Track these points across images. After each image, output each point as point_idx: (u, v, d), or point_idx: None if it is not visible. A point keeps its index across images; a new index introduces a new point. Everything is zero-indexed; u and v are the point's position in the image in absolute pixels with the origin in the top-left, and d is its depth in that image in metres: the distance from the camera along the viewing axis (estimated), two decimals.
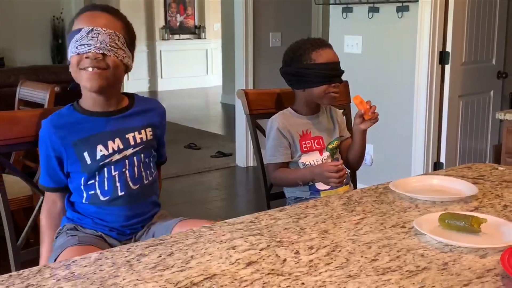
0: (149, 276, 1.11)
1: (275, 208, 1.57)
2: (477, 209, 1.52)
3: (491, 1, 4.15)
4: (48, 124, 1.65)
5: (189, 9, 11.06)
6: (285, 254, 1.22)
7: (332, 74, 2.09)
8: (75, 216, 1.72)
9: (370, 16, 4.19)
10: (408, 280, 1.09)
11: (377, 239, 1.30)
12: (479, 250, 1.23)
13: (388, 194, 1.65)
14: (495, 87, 4.39)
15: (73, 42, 1.59)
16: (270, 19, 5.48)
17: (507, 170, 1.92)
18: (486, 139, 4.35)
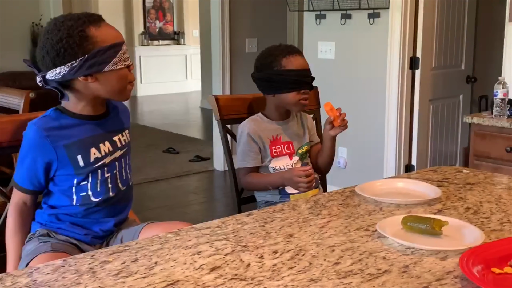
0: (112, 283, 1.09)
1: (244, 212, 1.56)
2: (440, 211, 1.52)
3: (460, 8, 4.20)
4: (38, 127, 1.60)
5: (168, 16, 11.03)
6: (249, 258, 1.21)
7: (301, 81, 2.09)
8: (48, 220, 1.69)
9: (343, 22, 4.21)
10: (368, 283, 1.09)
11: (340, 243, 1.30)
12: (440, 253, 1.23)
13: (354, 198, 1.65)
14: (465, 91, 4.44)
15: (120, 54, 1.57)
16: (246, 25, 5.48)
17: (471, 173, 1.93)
18: (456, 142, 4.39)
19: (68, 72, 1.54)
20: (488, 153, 3.03)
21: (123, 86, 1.62)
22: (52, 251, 1.56)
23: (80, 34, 1.53)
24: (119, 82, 1.61)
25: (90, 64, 1.54)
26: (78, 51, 1.53)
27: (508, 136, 2.93)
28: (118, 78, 1.59)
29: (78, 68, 1.54)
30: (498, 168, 2.95)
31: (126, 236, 1.70)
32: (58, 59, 1.54)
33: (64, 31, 1.53)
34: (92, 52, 1.53)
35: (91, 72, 1.55)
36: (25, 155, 1.63)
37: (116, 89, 1.62)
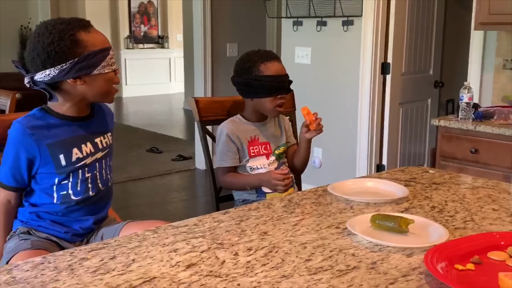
0: (89, 280, 1.07)
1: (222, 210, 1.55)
2: (407, 210, 1.52)
3: (429, 17, 4.23)
4: (22, 125, 1.57)
5: (153, 20, 10.95)
6: (224, 255, 1.19)
7: (278, 86, 2.08)
8: (29, 218, 1.66)
9: (318, 29, 4.22)
10: (338, 279, 1.08)
11: (312, 240, 1.29)
12: (406, 250, 1.23)
13: (326, 196, 1.64)
14: (432, 96, 4.47)
15: (108, 59, 1.56)
16: (227, 30, 5.46)
17: (437, 173, 1.94)
18: (424, 143, 4.43)
19: (58, 74, 1.52)
20: (454, 154, 3.05)
21: (109, 89, 1.62)
22: (32, 249, 1.54)
23: (71, 38, 1.52)
24: (106, 85, 1.60)
25: (79, 67, 1.52)
26: (68, 54, 1.52)
27: (473, 138, 2.96)
28: (104, 81, 1.58)
29: (68, 71, 1.52)
30: (463, 168, 2.97)
31: (106, 234, 1.67)
32: (48, 61, 1.52)
33: (56, 34, 1.51)
34: (82, 56, 1.52)
35: (80, 75, 1.54)
36: (9, 151, 1.60)
37: (102, 92, 1.61)
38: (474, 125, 2.93)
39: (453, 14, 4.43)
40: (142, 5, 10.77)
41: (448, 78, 4.52)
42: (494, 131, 2.84)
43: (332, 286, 1.05)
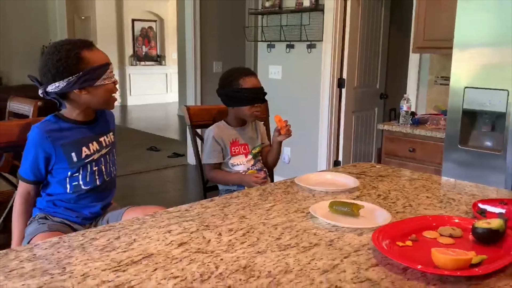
0: (98, 256, 1.04)
1: (208, 198, 1.53)
2: (358, 197, 1.52)
3: (376, 41, 4.27)
4: (40, 130, 1.55)
5: (152, 42, 10.84)
6: (210, 236, 1.18)
7: (255, 97, 2.07)
8: (46, 205, 1.62)
9: (288, 51, 4.22)
10: (303, 254, 1.08)
11: (282, 222, 1.28)
12: (357, 230, 1.23)
13: (293, 187, 1.63)
14: (378, 105, 4.51)
15: (108, 73, 1.54)
16: (214, 50, 5.44)
17: (382, 167, 1.95)
18: (372, 143, 4.46)
19: (66, 85, 1.50)
20: (395, 152, 3.08)
21: (109, 98, 1.59)
22: (49, 231, 1.51)
23: (76, 56, 1.50)
24: (106, 95, 1.57)
25: (84, 79, 1.51)
26: (74, 69, 1.49)
27: (410, 140, 2.98)
28: (105, 91, 1.56)
29: (74, 83, 1.50)
30: (403, 164, 3.00)
31: (111, 218, 1.65)
32: (58, 75, 1.49)
33: (63, 53, 1.49)
34: (85, 70, 1.50)
35: (84, 86, 1.52)
36: (29, 151, 1.57)
37: (103, 101, 1.59)
38: (411, 129, 2.96)
39: (395, 39, 4.48)
40: (143, 29, 10.66)
41: (391, 91, 4.56)
42: (427, 134, 2.87)
43: (298, 260, 1.04)
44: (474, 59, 2.43)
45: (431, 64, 3.44)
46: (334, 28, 3.86)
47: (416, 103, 3.54)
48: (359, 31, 4.03)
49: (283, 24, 4.18)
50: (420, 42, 3.07)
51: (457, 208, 1.43)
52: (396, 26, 4.48)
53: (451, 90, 2.53)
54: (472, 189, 1.64)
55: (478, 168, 2.46)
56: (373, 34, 4.21)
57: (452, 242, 1.15)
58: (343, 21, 3.90)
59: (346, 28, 3.91)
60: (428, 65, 3.47)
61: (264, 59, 4.47)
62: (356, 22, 3.97)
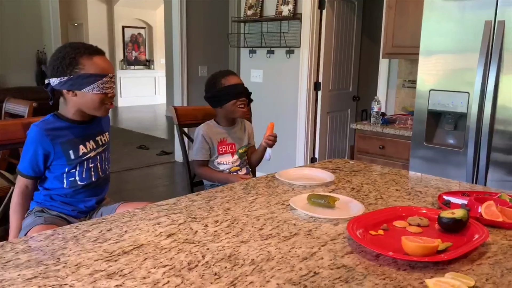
0: (91, 247, 1.02)
1: (195, 192, 1.51)
2: (334, 190, 1.52)
3: (349, 47, 4.29)
4: (40, 128, 1.51)
5: (142, 47, 10.71)
6: (197, 227, 1.16)
7: (237, 92, 2.02)
8: (44, 199, 1.58)
9: (268, 56, 4.21)
10: (283, 243, 1.07)
11: (264, 214, 1.27)
12: (334, 220, 1.23)
13: (274, 181, 1.63)
14: (351, 106, 4.54)
15: (99, 83, 1.48)
16: (199, 56, 5.40)
17: (355, 163, 1.95)
18: (345, 141, 4.49)
19: (58, 83, 1.49)
20: (367, 149, 3.10)
21: (97, 106, 1.52)
22: (45, 223, 1.47)
23: (71, 59, 1.47)
24: (93, 103, 1.51)
25: (72, 83, 1.48)
26: (66, 71, 1.47)
27: (380, 138, 3.01)
28: (92, 99, 1.50)
29: (64, 83, 1.48)
30: (373, 160, 3.02)
31: (105, 211, 1.61)
32: (53, 72, 1.49)
33: (61, 54, 1.49)
34: (76, 75, 1.47)
35: (72, 89, 1.49)
36: (28, 148, 1.52)
37: (91, 107, 1.52)
38: (381, 128, 2.98)
39: (367, 46, 4.52)
40: (133, 36, 10.52)
41: (363, 93, 4.60)
42: (396, 133, 2.90)
43: (279, 248, 1.04)
44: (439, 64, 2.46)
45: (399, 68, 3.47)
46: (311, 35, 3.87)
47: (386, 104, 3.57)
48: (334, 38, 4.04)
49: (264, 31, 4.18)
50: (389, 48, 3.10)
51: (424, 199, 1.45)
52: (368, 33, 4.51)
53: (418, 93, 2.55)
54: (437, 183, 1.66)
55: (441, 164, 2.50)
56: (346, 41, 4.24)
57: (420, 231, 1.16)
58: (319, 29, 3.92)
59: (322, 35, 3.92)
60: (396, 70, 3.50)
61: (246, 64, 4.45)
62: (331, 30, 3.99)
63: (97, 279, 0.87)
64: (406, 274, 0.93)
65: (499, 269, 0.97)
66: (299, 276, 0.91)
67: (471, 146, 2.36)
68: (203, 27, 5.37)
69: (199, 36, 5.35)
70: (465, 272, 0.95)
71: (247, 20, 4.27)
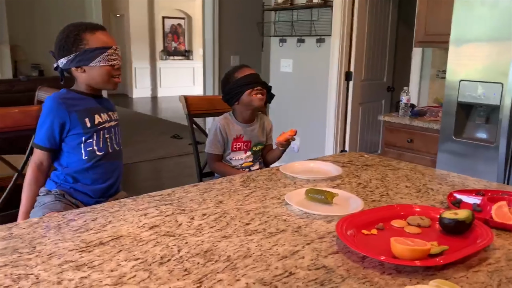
0: (70, 236, 1.02)
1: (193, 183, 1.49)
2: (338, 185, 1.45)
3: (384, 35, 4.12)
4: (55, 98, 1.55)
5: (181, 38, 10.85)
6: (183, 219, 1.14)
7: (251, 81, 1.96)
8: (63, 180, 1.58)
9: (298, 45, 4.13)
10: (266, 240, 1.02)
11: (256, 208, 1.23)
12: (328, 217, 1.17)
13: (278, 174, 1.57)
14: (386, 98, 4.37)
15: (104, 56, 1.53)
16: (232, 45, 5.39)
17: (370, 157, 1.86)
18: (378, 134, 4.34)
19: (66, 63, 1.55)
20: (394, 143, 2.96)
21: (106, 79, 1.57)
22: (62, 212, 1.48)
23: (75, 36, 1.53)
24: (102, 76, 1.56)
25: (79, 59, 1.53)
26: (72, 48, 1.53)
27: (409, 131, 2.87)
28: (101, 73, 1.55)
29: (71, 61, 1.54)
30: (401, 154, 2.89)
31: None
32: (60, 52, 1.55)
33: (65, 33, 1.54)
34: (81, 51, 1.52)
35: (80, 65, 1.54)
36: (44, 119, 1.55)
37: (100, 81, 1.58)
38: (410, 120, 2.84)
39: (403, 34, 4.32)
40: (173, 26, 10.67)
41: (399, 84, 4.41)
42: (425, 125, 2.75)
43: (260, 245, 0.99)
44: (470, 53, 2.29)
45: (433, 58, 3.29)
46: (342, 23, 3.75)
47: (419, 96, 3.40)
48: (367, 26, 3.89)
49: (294, 19, 4.09)
50: (421, 36, 2.93)
51: (433, 198, 1.35)
52: (404, 20, 4.31)
53: (447, 83, 2.40)
54: (454, 180, 1.55)
55: (471, 159, 2.34)
56: (380, 29, 4.07)
57: (418, 232, 1.08)
58: (351, 16, 3.78)
59: (354, 23, 3.79)
60: (430, 59, 3.32)
61: (276, 53, 4.38)
62: (364, 17, 3.84)
63: (65, 270, 0.87)
64: (389, 278, 0.86)
65: (497, 277, 0.88)
66: (272, 276, 0.86)
67: (503, 141, 2.19)
68: (236, 16, 5.34)
69: (232, 25, 5.33)
70: (457, 279, 0.87)
71: (277, 8, 4.19)
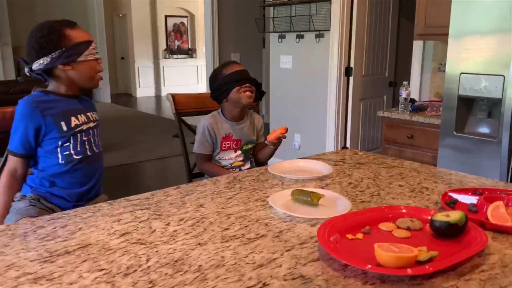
0: (34, 245, 0.96)
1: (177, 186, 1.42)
2: (327, 185, 1.38)
3: (385, 29, 4.02)
4: (28, 101, 1.48)
5: (184, 36, 10.79)
6: (157, 225, 1.07)
7: (240, 78, 1.89)
8: (39, 183, 1.53)
9: (297, 41, 4.04)
10: (243, 247, 0.95)
11: (238, 211, 1.16)
12: (312, 220, 1.10)
13: (266, 174, 1.50)
14: (388, 93, 4.27)
15: (90, 49, 1.50)
16: (232, 43, 5.32)
17: (364, 155, 1.78)
18: (380, 130, 4.24)
19: (50, 61, 1.47)
20: (394, 139, 2.88)
21: (92, 75, 1.53)
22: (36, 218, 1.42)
23: (59, 32, 1.47)
24: (89, 71, 1.52)
25: (67, 54, 1.47)
26: (57, 45, 1.46)
27: (409, 127, 2.78)
28: (88, 67, 1.51)
29: (57, 58, 1.47)
30: (401, 150, 2.80)
31: None
32: (41, 51, 1.47)
33: (46, 30, 1.47)
34: (68, 46, 1.46)
35: (67, 61, 1.48)
36: (18, 125, 1.49)
37: (86, 77, 1.53)
38: (410, 116, 2.75)
39: (404, 27, 4.21)
40: (175, 25, 10.62)
41: (401, 78, 4.30)
42: (425, 121, 2.66)
43: (236, 253, 0.93)
44: (470, 45, 2.20)
45: (434, 51, 3.19)
46: (341, 17, 3.65)
47: (420, 90, 3.31)
48: (367, 19, 3.80)
49: (293, 14, 4.00)
50: (421, 29, 2.84)
51: (427, 197, 1.27)
52: (406, 14, 4.20)
53: (447, 77, 2.31)
54: (451, 178, 1.46)
55: (473, 155, 2.25)
56: (381, 23, 3.97)
57: (407, 236, 1.00)
58: (350, 10, 3.69)
59: (353, 16, 3.69)
60: (431, 53, 3.22)
61: (276, 49, 4.30)
62: (363, 11, 3.75)
63: (21, 283, 0.80)
64: None
65: (490, 286, 0.80)
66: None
67: (506, 135, 2.10)
68: (235, 13, 5.27)
69: (232, 22, 5.26)
70: None
71: (275, 3, 4.11)
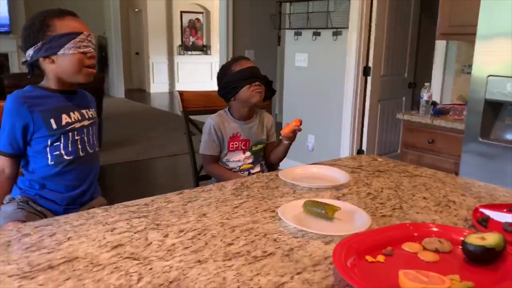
0: (16, 257, 0.86)
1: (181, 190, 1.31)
2: (344, 195, 1.25)
3: (405, 28, 3.87)
4: (15, 97, 1.38)
5: (199, 33, 10.72)
6: (154, 237, 0.96)
7: (250, 75, 1.78)
8: (28, 186, 1.44)
9: (314, 38, 3.91)
10: (248, 267, 0.84)
11: (244, 223, 1.05)
12: (327, 237, 0.97)
13: (276, 181, 1.38)
14: (407, 94, 4.12)
15: (75, 42, 1.36)
16: (246, 40, 5.22)
17: (384, 161, 1.65)
18: (398, 133, 4.09)
19: (33, 53, 1.38)
20: (414, 144, 2.73)
21: (77, 69, 1.39)
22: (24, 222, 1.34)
23: (41, 22, 1.37)
24: (73, 65, 1.38)
25: (46, 47, 1.36)
26: (38, 36, 1.36)
27: (430, 131, 2.63)
28: (70, 61, 1.37)
29: (39, 50, 1.37)
30: (421, 156, 2.66)
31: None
32: (26, 43, 1.38)
33: (30, 21, 1.39)
34: (48, 38, 1.35)
35: (48, 54, 1.37)
36: (5, 122, 1.40)
37: (70, 71, 1.39)
38: (431, 119, 2.60)
39: (426, 27, 4.05)
40: (191, 21, 10.55)
41: (421, 79, 4.14)
42: (448, 125, 2.51)
43: (240, 274, 0.81)
44: (499, 46, 2.05)
45: (458, 52, 3.03)
46: (360, 15, 3.51)
47: (442, 92, 3.15)
48: (387, 18, 3.65)
49: (310, 11, 3.87)
50: (444, 28, 2.69)
51: (455, 213, 1.14)
52: (427, 12, 4.03)
53: (473, 79, 2.16)
54: (480, 190, 1.33)
55: (499, 163, 2.10)
56: (401, 21, 3.81)
57: (436, 259, 0.88)
58: (370, 7, 3.54)
59: (373, 14, 3.55)
60: (455, 53, 3.06)
61: (291, 47, 4.18)
62: (384, 8, 3.60)
63: None
64: None
65: None
66: None
67: None
68: (250, 9, 5.16)
69: (246, 18, 5.15)
70: None
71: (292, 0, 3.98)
